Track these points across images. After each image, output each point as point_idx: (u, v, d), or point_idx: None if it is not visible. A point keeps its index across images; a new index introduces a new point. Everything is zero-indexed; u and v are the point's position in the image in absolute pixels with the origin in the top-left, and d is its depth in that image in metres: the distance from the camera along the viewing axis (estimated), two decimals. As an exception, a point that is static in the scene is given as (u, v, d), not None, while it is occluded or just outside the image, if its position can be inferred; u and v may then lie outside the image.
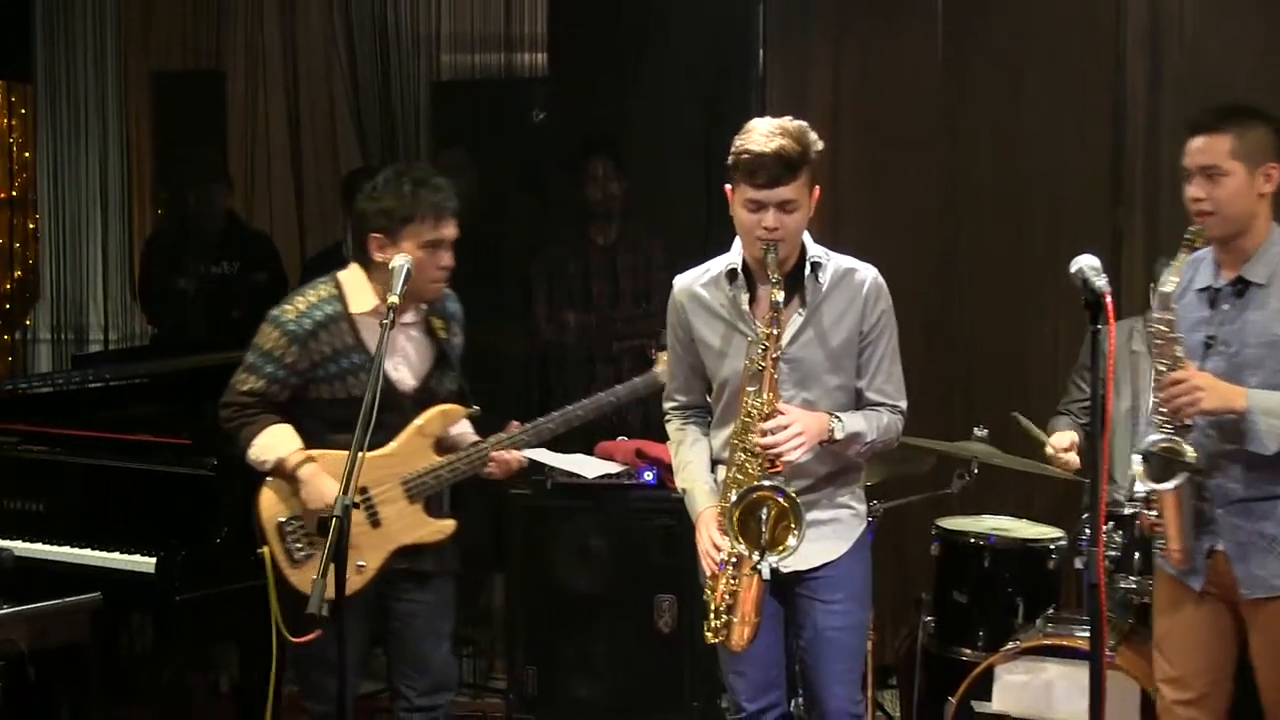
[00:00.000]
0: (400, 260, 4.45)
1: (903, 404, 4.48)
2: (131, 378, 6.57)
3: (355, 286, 4.78)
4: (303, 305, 4.74)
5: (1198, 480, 4.34)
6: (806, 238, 4.38)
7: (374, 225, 4.67)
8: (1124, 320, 5.49)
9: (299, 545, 4.69)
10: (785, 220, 4.21)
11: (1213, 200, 4.27)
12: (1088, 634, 4.05)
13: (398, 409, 4.72)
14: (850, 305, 4.40)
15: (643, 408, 5.81)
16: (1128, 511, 5.26)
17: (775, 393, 4.23)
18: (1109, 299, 3.88)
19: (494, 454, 4.80)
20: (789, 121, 4.30)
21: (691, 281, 4.50)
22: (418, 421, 4.76)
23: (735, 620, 4.26)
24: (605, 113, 7.24)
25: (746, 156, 4.23)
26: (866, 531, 4.59)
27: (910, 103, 6.91)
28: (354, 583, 4.47)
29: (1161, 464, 4.33)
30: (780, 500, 4.15)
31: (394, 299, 4.35)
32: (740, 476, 4.26)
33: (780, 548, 4.14)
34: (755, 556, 4.12)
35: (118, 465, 5.63)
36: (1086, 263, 3.94)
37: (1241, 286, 4.31)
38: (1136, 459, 4.37)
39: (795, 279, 4.35)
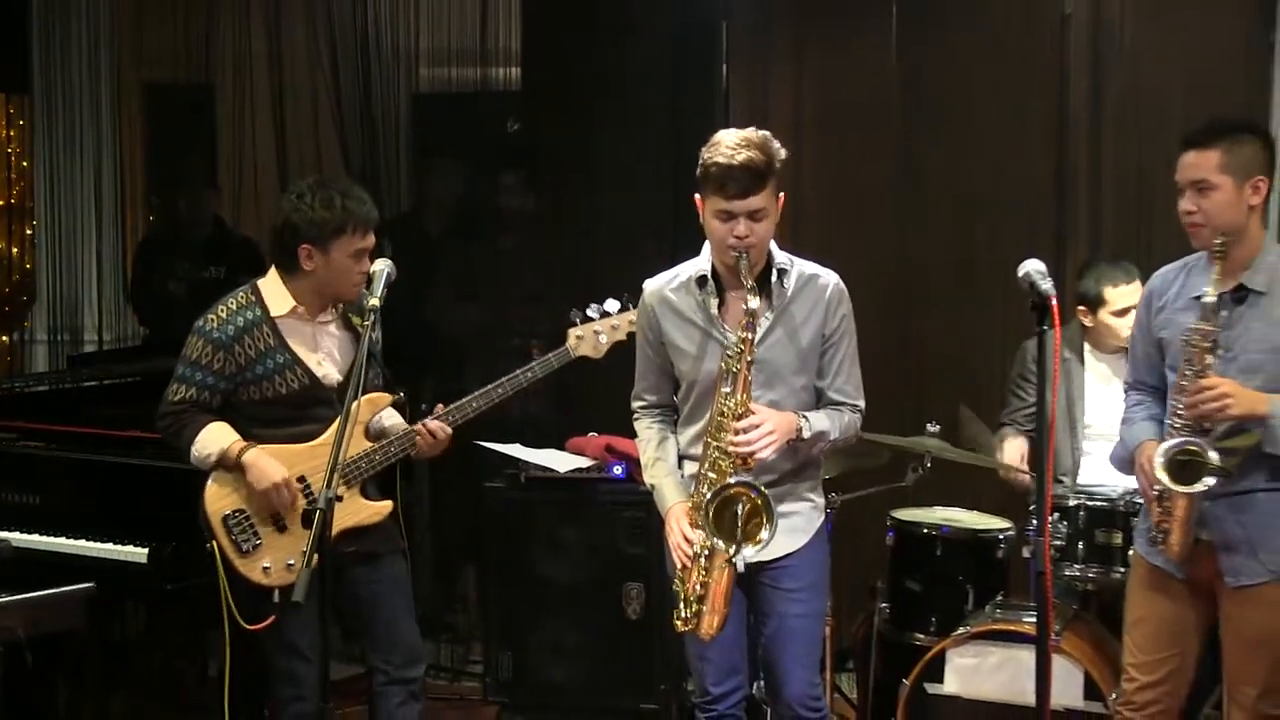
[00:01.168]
0: (381, 265, 4.47)
1: (861, 403, 4.53)
2: (124, 377, 6.56)
3: (273, 291, 4.80)
4: (224, 314, 4.76)
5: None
6: (772, 245, 4.39)
7: (305, 236, 4.68)
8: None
9: (244, 537, 4.69)
10: (755, 228, 4.24)
11: (1203, 213, 4.29)
12: (1034, 619, 4.07)
13: (325, 402, 4.76)
14: (814, 309, 4.43)
15: (613, 405, 5.80)
16: (1072, 503, 5.28)
17: (748, 394, 4.26)
18: (1054, 302, 3.89)
19: (420, 426, 4.80)
20: (753, 132, 4.32)
21: (662, 286, 4.51)
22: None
23: (705, 610, 4.27)
24: (575, 124, 7.23)
25: (715, 169, 4.24)
26: (825, 523, 4.62)
27: (866, 113, 6.91)
28: (299, 566, 4.34)
29: (1181, 467, 4.31)
30: (753, 496, 4.18)
31: (374, 301, 4.36)
32: (713, 474, 4.28)
33: (754, 541, 4.16)
34: (731, 550, 4.14)
35: (111, 460, 5.62)
36: (1033, 267, 3.95)
37: (1242, 294, 4.32)
38: (1159, 462, 4.33)
39: (762, 284, 4.37)
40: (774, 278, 4.39)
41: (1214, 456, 4.23)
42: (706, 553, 4.24)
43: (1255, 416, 4.23)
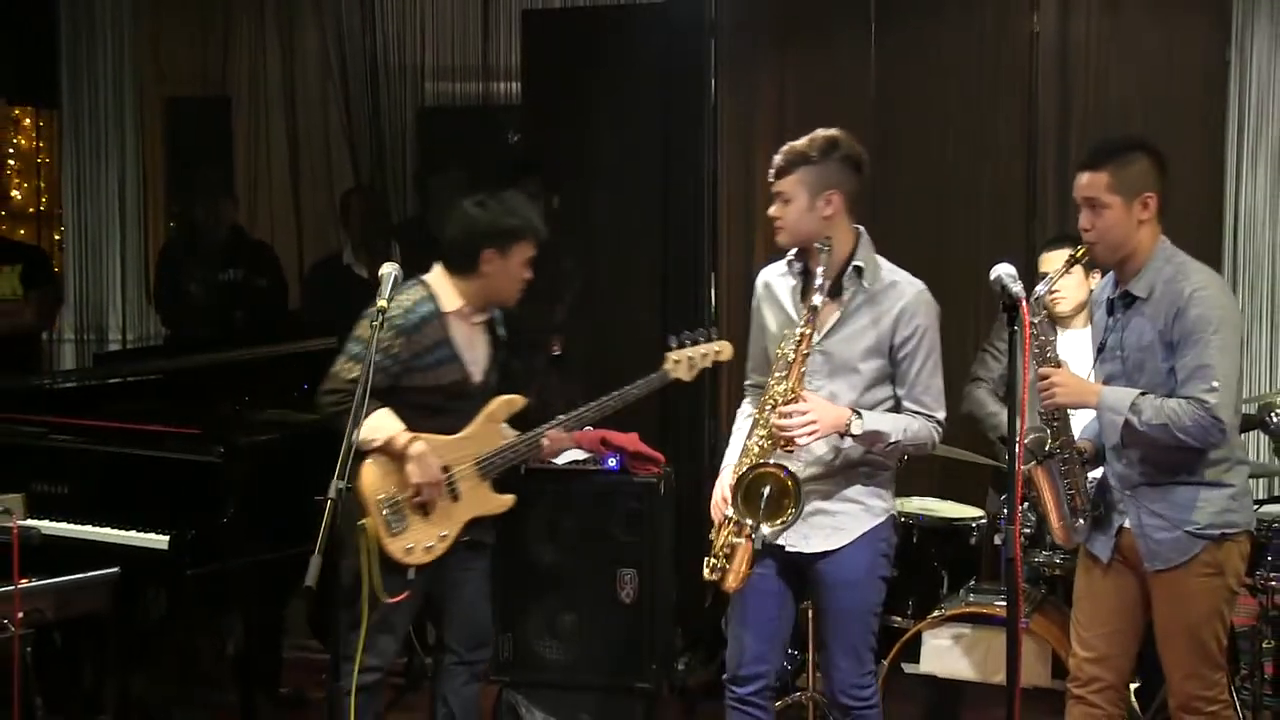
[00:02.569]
0: (388, 269, 4.45)
1: (940, 414, 4.42)
2: (147, 374, 6.54)
3: (444, 289, 4.83)
4: (408, 303, 4.76)
5: (1080, 462, 4.44)
6: (864, 244, 4.45)
7: (490, 240, 4.76)
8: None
9: (395, 519, 4.69)
10: (784, 211, 4.33)
11: (1096, 230, 4.31)
12: (1005, 603, 4.06)
13: (469, 397, 4.84)
14: (886, 314, 4.38)
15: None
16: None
17: (800, 383, 4.22)
18: (1024, 303, 3.89)
19: (546, 429, 4.90)
20: (827, 131, 4.45)
21: (771, 269, 4.54)
22: (489, 409, 4.86)
23: (729, 569, 4.27)
24: (573, 135, 7.22)
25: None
26: (883, 526, 4.47)
27: (846, 126, 6.87)
28: (436, 549, 4.73)
29: (1031, 452, 4.41)
30: (784, 478, 4.15)
31: (382, 303, 4.34)
32: (755, 450, 4.26)
33: (779, 519, 4.16)
34: (750, 524, 4.15)
35: (135, 453, 5.60)
36: (1004, 270, 3.95)
37: (1129, 300, 4.35)
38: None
39: (840, 279, 4.37)
40: (849, 273, 4.38)
41: (1049, 439, 4.38)
42: (736, 521, 4.24)
43: (1085, 405, 4.34)
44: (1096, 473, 4.81)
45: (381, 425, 4.68)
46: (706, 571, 4.36)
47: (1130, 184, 4.27)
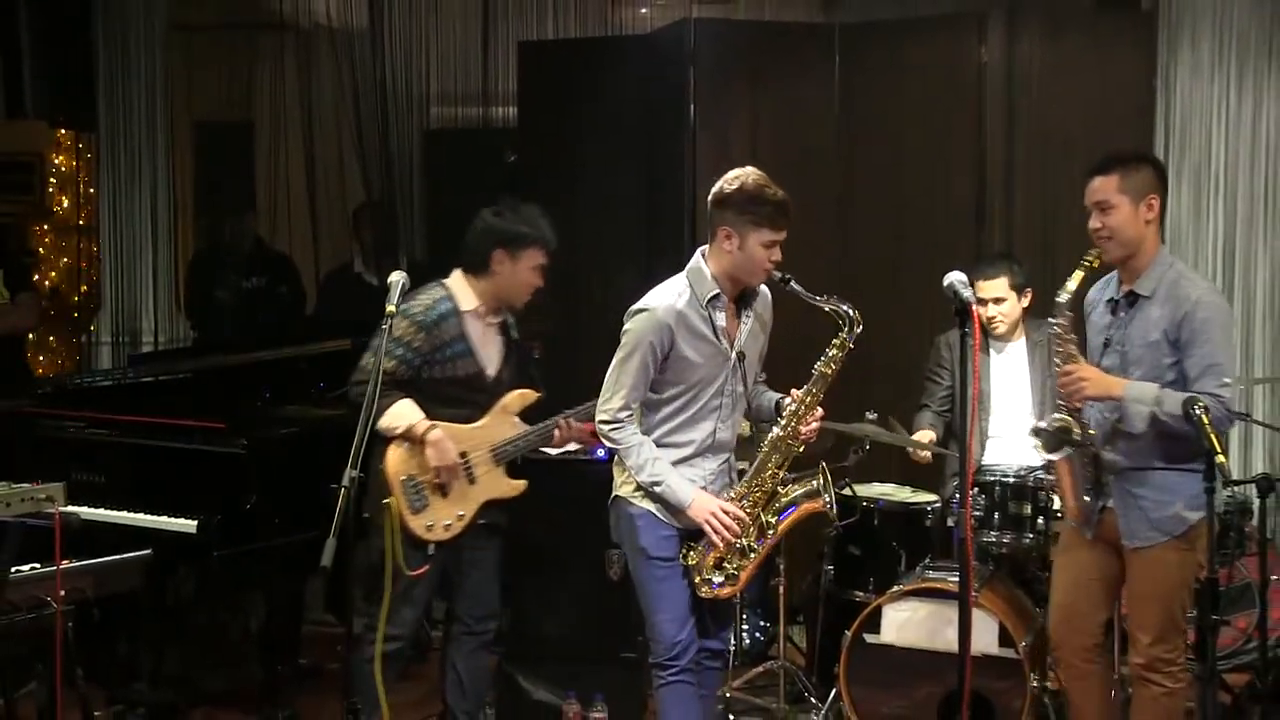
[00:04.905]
0: (396, 276, 4.43)
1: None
2: (177, 373, 6.52)
3: (461, 289, 4.87)
4: (428, 302, 4.80)
5: (1093, 451, 4.45)
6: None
7: (502, 242, 4.80)
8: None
9: (417, 498, 4.73)
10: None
11: (1108, 228, 4.35)
12: (957, 578, 4.05)
13: (484, 390, 4.87)
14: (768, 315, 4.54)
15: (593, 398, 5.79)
16: (989, 479, 5.30)
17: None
18: (974, 307, 3.90)
19: (558, 420, 4.92)
20: (758, 172, 4.38)
21: (674, 303, 4.35)
22: (503, 400, 4.89)
23: (737, 584, 4.45)
24: (565, 155, 7.22)
25: (770, 207, 4.28)
26: None
27: (812, 147, 6.91)
28: (455, 528, 4.78)
29: (1053, 438, 4.45)
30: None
31: (390, 307, 4.31)
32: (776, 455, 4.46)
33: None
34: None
35: (165, 445, 5.58)
36: (956, 278, 3.95)
37: (1133, 298, 4.39)
38: (1031, 433, 4.52)
39: (743, 301, 4.47)
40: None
41: (1077, 428, 4.40)
42: (747, 547, 4.42)
43: (1111, 397, 4.34)
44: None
45: (403, 413, 4.71)
46: (707, 589, 4.44)
47: (1136, 187, 4.33)
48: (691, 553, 4.43)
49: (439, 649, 5.36)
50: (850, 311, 4.43)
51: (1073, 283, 4.37)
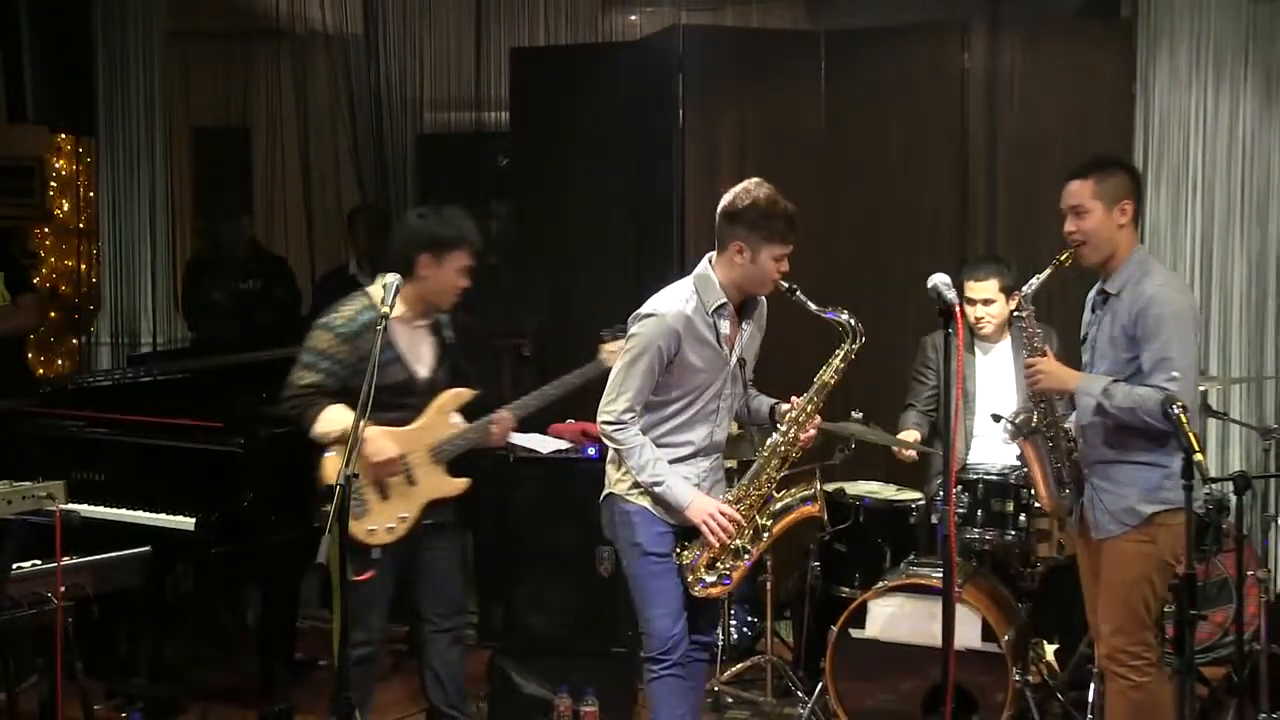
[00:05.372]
0: (391, 278, 4.43)
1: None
2: (175, 373, 6.52)
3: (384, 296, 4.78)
4: (349, 313, 4.74)
5: (1068, 446, 4.48)
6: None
7: (425, 247, 4.71)
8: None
9: (355, 503, 4.60)
10: None
11: (1082, 232, 4.37)
12: (941, 574, 4.06)
13: (418, 394, 4.80)
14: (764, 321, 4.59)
15: (584, 398, 5.79)
16: (972, 477, 5.31)
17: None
18: (957, 309, 3.91)
19: (493, 417, 4.85)
20: (768, 187, 4.40)
21: (682, 310, 4.37)
22: (437, 401, 4.81)
23: (717, 585, 4.46)
24: (555, 160, 7.22)
25: (782, 223, 4.32)
26: None
27: (799, 151, 6.91)
28: (398, 530, 4.69)
29: (1019, 429, 4.52)
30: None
31: (386, 309, 4.32)
32: (775, 460, 4.49)
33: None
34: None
35: (164, 444, 5.59)
36: (939, 280, 3.97)
37: (1104, 296, 4.42)
38: (1002, 426, 4.61)
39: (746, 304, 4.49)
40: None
41: (1036, 417, 4.46)
42: (743, 550, 4.44)
43: (1065, 390, 4.40)
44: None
45: (336, 419, 4.65)
46: (699, 588, 4.43)
47: (1110, 192, 4.34)
48: (685, 551, 4.44)
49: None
50: (853, 323, 4.44)
51: (1038, 278, 4.43)
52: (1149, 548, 4.31)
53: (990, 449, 5.60)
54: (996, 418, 4.60)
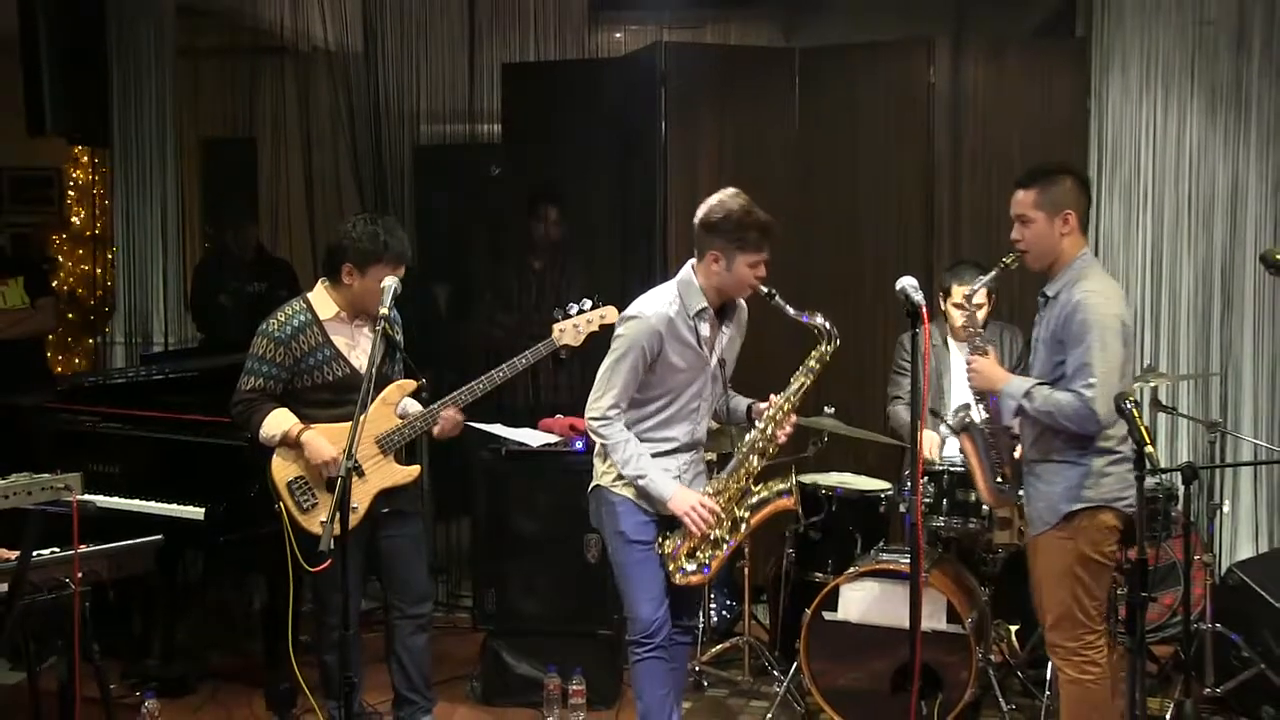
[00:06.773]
0: (389, 281, 4.43)
1: None
2: (185, 372, 6.52)
3: (321, 299, 4.79)
4: (282, 318, 4.75)
5: (1010, 442, 4.48)
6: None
7: (348, 258, 4.69)
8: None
9: (305, 498, 4.67)
10: None
11: (1025, 240, 4.35)
12: (909, 560, 4.06)
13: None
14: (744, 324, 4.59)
15: (572, 393, 5.78)
16: (938, 469, 5.31)
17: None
18: (924, 309, 3.92)
19: (439, 405, 4.79)
20: (743, 197, 4.40)
21: (665, 311, 4.37)
22: (383, 393, 4.74)
23: (709, 573, 4.47)
24: (545, 170, 7.21)
25: (755, 233, 4.32)
26: None
27: (775, 163, 6.91)
28: (350, 520, 4.44)
29: (955, 424, 4.52)
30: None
31: (384, 310, 4.32)
32: (754, 456, 4.48)
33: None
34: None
35: (174, 438, 5.60)
36: (907, 282, 3.98)
37: (1045, 299, 4.38)
38: (944, 422, 4.60)
39: (721, 312, 4.50)
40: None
41: (973, 414, 4.45)
42: (721, 539, 4.44)
43: (993, 390, 4.37)
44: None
45: (277, 421, 4.67)
46: (680, 576, 4.43)
47: (1054, 201, 4.29)
48: (667, 541, 4.44)
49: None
50: (829, 327, 4.43)
51: (982, 279, 4.50)
52: (1068, 544, 4.26)
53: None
54: (934, 413, 4.59)
